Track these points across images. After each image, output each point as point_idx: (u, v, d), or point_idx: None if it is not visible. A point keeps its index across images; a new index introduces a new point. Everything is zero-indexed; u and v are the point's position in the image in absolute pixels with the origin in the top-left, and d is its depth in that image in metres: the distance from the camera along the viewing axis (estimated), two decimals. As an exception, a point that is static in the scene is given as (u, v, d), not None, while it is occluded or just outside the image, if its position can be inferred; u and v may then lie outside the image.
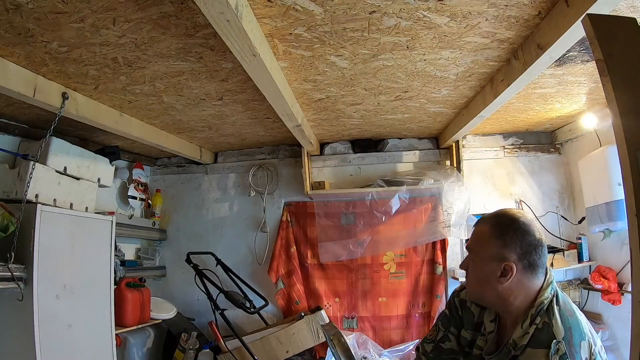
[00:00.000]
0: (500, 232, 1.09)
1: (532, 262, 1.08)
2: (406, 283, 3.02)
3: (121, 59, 1.62)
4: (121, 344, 2.43)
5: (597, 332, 2.49)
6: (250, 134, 2.89)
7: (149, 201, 3.26)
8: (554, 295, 1.09)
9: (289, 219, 3.18)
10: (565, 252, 2.78)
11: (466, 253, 1.23)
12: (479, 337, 1.22)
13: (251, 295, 2.85)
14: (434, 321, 1.48)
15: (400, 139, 3.18)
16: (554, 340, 1.01)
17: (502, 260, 1.07)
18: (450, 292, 2.11)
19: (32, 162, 1.95)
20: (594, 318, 2.71)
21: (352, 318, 3.04)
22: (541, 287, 1.09)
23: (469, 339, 1.26)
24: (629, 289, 2.33)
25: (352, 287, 3.05)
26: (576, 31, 1.30)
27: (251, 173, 3.29)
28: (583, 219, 2.82)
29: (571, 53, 1.73)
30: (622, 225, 2.30)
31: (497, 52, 1.69)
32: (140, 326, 2.52)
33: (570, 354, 0.99)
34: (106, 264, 2.29)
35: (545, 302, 1.07)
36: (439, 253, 2.99)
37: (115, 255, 2.38)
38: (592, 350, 1.03)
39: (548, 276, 1.11)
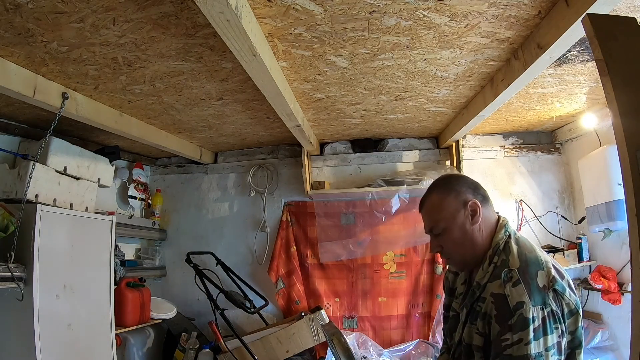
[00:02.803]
0: (447, 188, 1.18)
1: (484, 195, 1.18)
2: (406, 283, 3.02)
3: (121, 59, 1.62)
4: (121, 344, 2.43)
5: (597, 332, 2.52)
6: (250, 133, 2.89)
7: (149, 201, 3.26)
8: (508, 236, 1.13)
9: (289, 219, 3.18)
10: (565, 251, 2.78)
11: None
12: (453, 301, 1.29)
13: (251, 295, 2.85)
14: None
15: (400, 138, 3.18)
16: (505, 270, 1.05)
17: (466, 204, 1.15)
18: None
19: (32, 162, 1.95)
20: (594, 318, 2.72)
21: (352, 318, 3.04)
22: (495, 228, 1.16)
23: (446, 304, 1.33)
24: (629, 288, 2.34)
25: (352, 287, 3.05)
26: (576, 31, 1.30)
27: (251, 173, 3.29)
28: (583, 218, 2.82)
29: (571, 53, 1.73)
30: (622, 225, 2.30)
31: (497, 52, 1.69)
32: (140, 326, 2.52)
33: (525, 280, 1.02)
34: (106, 264, 2.29)
35: (501, 242, 1.12)
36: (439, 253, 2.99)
37: (115, 255, 2.38)
38: (553, 280, 1.03)
39: (501, 220, 1.18)
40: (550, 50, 1.44)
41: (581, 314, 1.04)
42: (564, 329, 1.00)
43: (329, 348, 2.44)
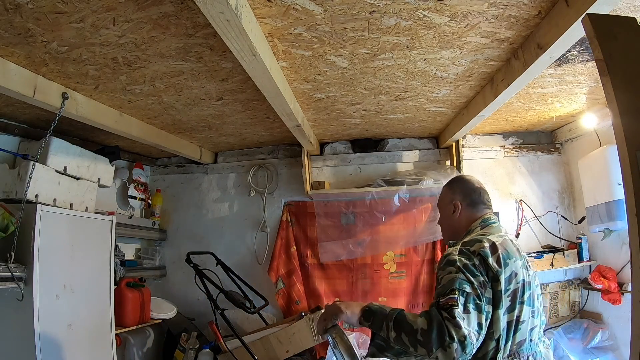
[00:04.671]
0: (450, 185, 1.59)
1: (472, 200, 1.50)
2: (406, 283, 3.02)
3: (121, 59, 1.62)
4: (121, 344, 2.43)
5: (597, 332, 2.52)
6: (250, 133, 2.89)
7: (149, 201, 3.26)
8: (481, 226, 1.43)
9: (289, 219, 3.18)
10: (565, 251, 2.78)
11: None
12: None
13: (251, 295, 2.85)
14: None
15: (400, 138, 3.18)
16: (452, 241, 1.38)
17: (452, 201, 1.53)
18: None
19: (32, 162, 1.95)
20: (594, 318, 2.72)
21: (352, 318, 3.03)
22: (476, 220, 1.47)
23: None
24: (629, 288, 2.34)
25: (352, 286, 3.05)
26: (576, 31, 1.30)
27: (251, 173, 3.29)
28: (583, 218, 2.82)
29: (571, 53, 1.73)
30: (622, 225, 2.30)
31: (497, 52, 1.69)
32: (140, 326, 2.52)
33: (461, 245, 1.30)
34: (106, 264, 2.29)
35: (472, 227, 1.45)
36: (439, 253, 2.99)
37: (115, 255, 2.38)
38: (482, 249, 1.25)
39: (486, 215, 1.47)
40: (550, 50, 1.44)
41: (502, 282, 1.22)
42: (481, 282, 1.20)
43: (329, 348, 2.44)
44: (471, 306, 1.15)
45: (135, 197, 3.10)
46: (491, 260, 1.23)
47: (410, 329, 1.14)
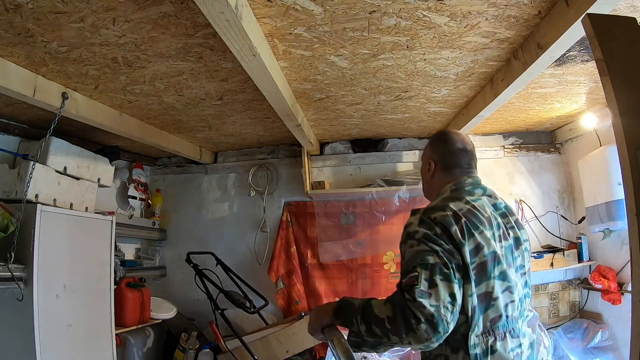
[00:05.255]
0: (430, 142, 1.48)
1: (448, 163, 1.39)
2: (406, 283, 3.01)
3: (121, 59, 1.62)
4: (121, 344, 2.43)
5: (597, 332, 2.52)
6: (250, 133, 2.89)
7: (149, 201, 3.26)
8: (451, 190, 1.33)
9: (289, 219, 3.18)
10: (565, 251, 2.78)
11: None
12: None
13: (251, 295, 2.85)
14: None
15: (400, 138, 3.18)
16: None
17: (429, 159, 1.43)
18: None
19: (32, 162, 1.95)
20: (594, 318, 2.72)
21: (352, 318, 3.03)
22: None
23: None
24: (629, 288, 2.34)
25: (352, 287, 3.05)
26: (576, 31, 1.30)
27: (251, 173, 3.29)
28: (583, 218, 2.82)
29: (571, 53, 1.73)
30: (622, 224, 2.30)
31: (497, 52, 1.69)
32: (140, 326, 2.52)
33: (422, 212, 1.21)
34: (106, 264, 2.29)
35: (442, 191, 1.35)
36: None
37: (115, 255, 2.38)
38: (444, 218, 1.17)
39: (460, 180, 1.35)
40: (550, 50, 1.44)
41: (467, 254, 1.14)
42: (446, 249, 1.12)
43: (329, 348, 2.44)
44: (438, 277, 1.07)
45: (135, 197, 3.10)
46: (454, 230, 1.15)
47: (377, 320, 1.08)
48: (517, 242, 1.28)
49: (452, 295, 1.06)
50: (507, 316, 1.18)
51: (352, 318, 1.14)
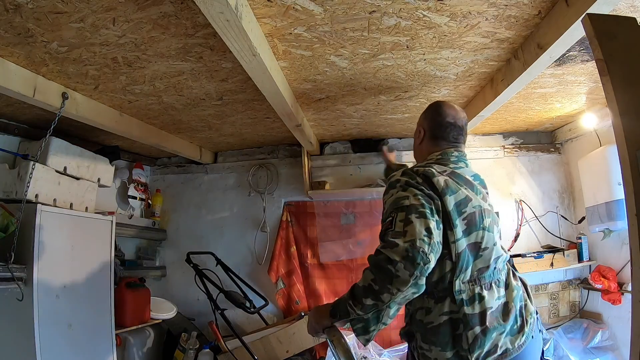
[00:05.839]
0: (425, 111, 1.49)
1: (435, 134, 1.43)
2: (406, 283, 3.01)
3: (121, 59, 1.62)
4: (121, 344, 2.43)
5: (597, 332, 2.52)
6: (250, 133, 2.89)
7: (149, 201, 3.26)
8: (436, 159, 1.38)
9: (289, 219, 3.18)
10: (565, 251, 2.78)
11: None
12: None
13: (251, 295, 2.85)
14: None
15: (400, 138, 3.18)
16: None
17: (420, 126, 1.48)
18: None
19: (32, 162, 1.95)
20: (594, 318, 2.72)
21: (352, 318, 3.03)
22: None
23: None
24: (629, 288, 2.34)
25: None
26: (576, 31, 1.30)
27: (251, 173, 3.29)
28: (583, 218, 2.82)
29: (571, 53, 1.73)
30: (622, 224, 2.30)
31: (497, 52, 1.69)
32: (140, 326, 2.52)
33: (404, 168, 1.29)
34: (106, 264, 2.29)
35: (429, 159, 1.40)
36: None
37: (115, 255, 2.38)
38: (426, 171, 1.23)
39: (446, 150, 1.40)
40: (550, 50, 1.44)
41: (450, 201, 1.18)
42: (425, 193, 1.16)
43: (329, 348, 2.44)
44: (413, 216, 1.08)
45: (135, 197, 3.10)
46: (436, 180, 1.19)
47: (365, 290, 1.10)
48: (492, 208, 1.32)
49: (428, 230, 1.07)
50: (494, 267, 1.22)
51: (346, 309, 1.17)
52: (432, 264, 1.05)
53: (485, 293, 1.17)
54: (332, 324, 1.22)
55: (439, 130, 1.42)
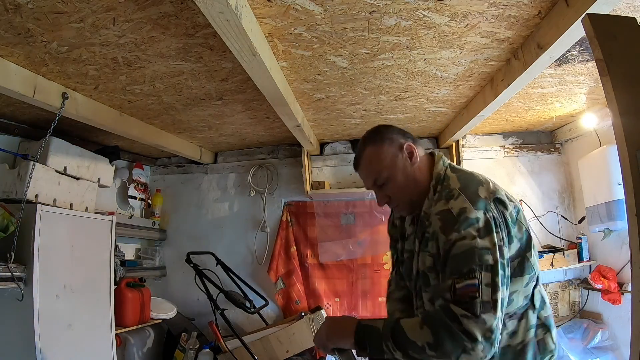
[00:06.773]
0: (379, 139, 1.18)
1: (412, 137, 1.20)
2: (406, 283, 3.01)
3: (121, 59, 1.62)
4: (121, 344, 2.43)
5: (597, 332, 2.52)
6: (250, 133, 2.89)
7: (149, 201, 3.26)
8: (447, 167, 1.16)
9: (289, 219, 3.18)
10: (565, 251, 2.78)
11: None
12: (405, 242, 1.28)
13: (251, 295, 2.85)
14: None
15: (400, 138, 3.18)
16: (446, 190, 1.08)
17: (402, 148, 1.16)
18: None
19: (32, 162, 1.95)
20: (594, 318, 2.72)
21: (352, 318, 3.03)
22: (433, 162, 1.19)
23: (400, 248, 1.32)
24: (629, 288, 2.34)
25: (352, 286, 3.05)
26: (576, 31, 1.30)
27: (251, 173, 3.29)
28: (583, 218, 2.82)
29: (571, 53, 1.73)
30: (622, 224, 2.30)
31: (497, 52, 1.69)
32: (140, 326, 2.52)
33: (466, 194, 1.03)
34: (106, 264, 2.29)
35: (441, 172, 1.15)
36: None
37: (115, 255, 2.38)
38: (494, 192, 1.05)
39: (437, 154, 1.21)
40: (550, 50, 1.44)
41: (525, 223, 1.06)
42: (504, 236, 1.00)
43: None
44: (500, 280, 0.92)
45: (135, 197, 3.10)
46: (509, 205, 1.04)
47: (415, 347, 0.93)
48: None
49: (503, 302, 0.94)
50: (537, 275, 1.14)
51: (380, 345, 0.99)
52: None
53: (543, 293, 1.14)
54: (350, 349, 1.07)
55: (407, 133, 1.22)
